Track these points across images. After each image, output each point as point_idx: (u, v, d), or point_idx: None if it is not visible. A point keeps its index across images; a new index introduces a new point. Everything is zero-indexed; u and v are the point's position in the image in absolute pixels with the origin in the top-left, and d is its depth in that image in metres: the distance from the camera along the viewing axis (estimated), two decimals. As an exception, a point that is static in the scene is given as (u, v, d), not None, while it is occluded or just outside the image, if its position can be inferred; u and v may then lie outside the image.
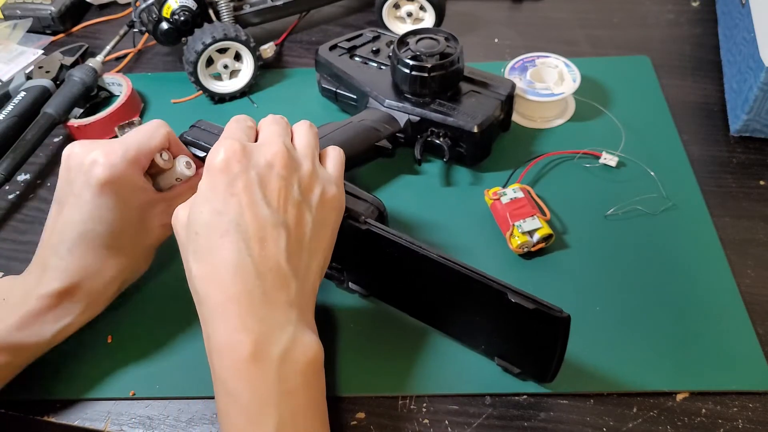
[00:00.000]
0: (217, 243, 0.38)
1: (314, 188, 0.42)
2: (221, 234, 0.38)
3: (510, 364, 0.45)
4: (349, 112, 0.64)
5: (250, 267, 0.38)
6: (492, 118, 0.57)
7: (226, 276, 0.38)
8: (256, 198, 0.39)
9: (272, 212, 0.39)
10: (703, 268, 0.51)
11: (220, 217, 0.38)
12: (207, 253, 0.39)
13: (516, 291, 0.40)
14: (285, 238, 0.39)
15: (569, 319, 0.39)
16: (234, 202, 0.38)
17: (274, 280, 0.38)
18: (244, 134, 0.43)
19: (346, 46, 0.65)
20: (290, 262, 0.39)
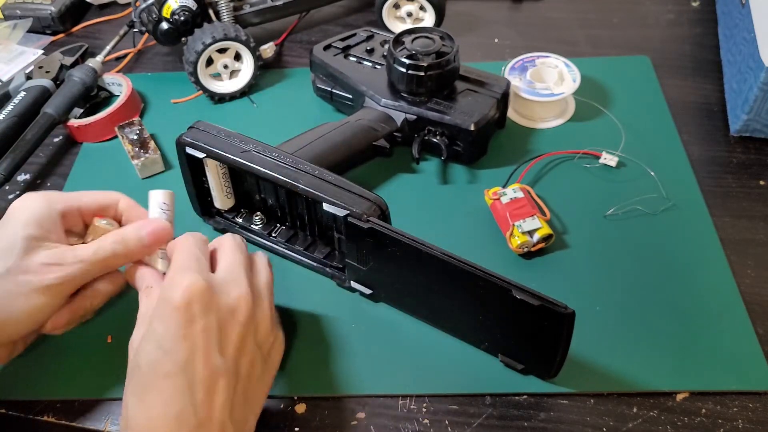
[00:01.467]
0: (156, 384, 0.36)
1: (270, 336, 0.41)
2: (162, 376, 0.35)
3: (514, 361, 0.45)
4: (345, 112, 0.64)
5: (191, 417, 0.35)
6: (488, 116, 0.57)
7: (164, 423, 0.35)
8: (211, 344, 0.36)
9: (225, 361, 0.37)
10: (703, 268, 0.51)
11: (165, 357, 0.36)
12: (145, 391, 0.36)
13: (521, 287, 0.40)
14: (233, 390, 0.37)
15: (574, 314, 0.39)
16: (186, 346, 0.36)
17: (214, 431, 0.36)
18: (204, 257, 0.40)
19: (341, 46, 0.65)
20: (233, 416, 0.37)
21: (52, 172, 0.64)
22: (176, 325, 0.36)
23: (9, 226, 0.42)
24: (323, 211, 0.46)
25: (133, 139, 0.63)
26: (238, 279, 0.40)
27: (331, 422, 0.44)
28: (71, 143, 0.66)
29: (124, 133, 0.63)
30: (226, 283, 0.39)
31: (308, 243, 0.53)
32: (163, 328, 0.36)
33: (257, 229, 0.55)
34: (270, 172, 0.48)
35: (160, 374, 0.35)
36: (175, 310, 0.36)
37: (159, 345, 0.36)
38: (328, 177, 0.47)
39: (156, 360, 0.36)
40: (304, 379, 0.46)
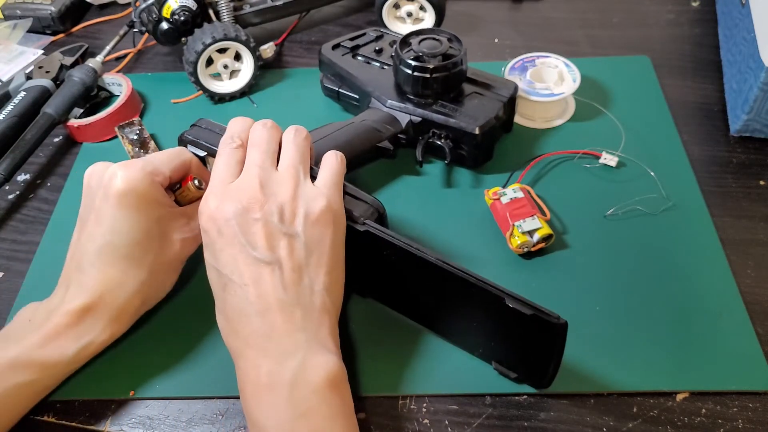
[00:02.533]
0: (223, 297, 0.42)
1: (297, 214, 0.42)
2: (223, 287, 0.42)
3: (507, 369, 0.45)
4: (352, 112, 0.64)
5: (251, 310, 0.40)
6: (494, 120, 0.57)
7: (235, 324, 0.41)
8: (241, 245, 0.41)
9: (260, 253, 0.41)
10: (703, 268, 0.51)
11: (219, 274, 0.42)
12: (221, 305, 0.43)
13: (514, 296, 0.40)
14: (279, 272, 0.41)
15: (566, 325, 0.39)
16: (226, 257, 0.41)
17: (276, 314, 0.40)
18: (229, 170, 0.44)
19: (349, 46, 0.65)
20: (289, 292, 0.41)
21: (52, 172, 0.64)
22: (211, 243, 0.42)
23: (132, 213, 0.44)
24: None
25: (133, 139, 0.63)
26: (248, 180, 0.43)
27: (332, 422, 0.44)
28: (71, 143, 0.66)
29: (124, 133, 0.63)
30: (238, 188, 0.43)
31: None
32: (207, 251, 0.43)
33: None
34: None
35: (222, 287, 0.42)
36: (206, 231, 0.42)
37: (212, 266, 0.42)
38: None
39: (214, 278, 0.43)
40: (304, 379, 0.46)
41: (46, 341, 0.43)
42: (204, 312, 0.51)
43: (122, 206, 0.43)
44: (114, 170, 0.44)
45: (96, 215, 0.44)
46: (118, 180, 0.43)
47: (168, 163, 0.47)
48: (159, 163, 0.46)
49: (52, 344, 0.43)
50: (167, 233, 0.46)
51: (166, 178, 0.46)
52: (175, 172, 0.47)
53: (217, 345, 0.48)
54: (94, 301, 0.44)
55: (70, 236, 0.47)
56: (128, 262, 0.45)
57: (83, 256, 0.44)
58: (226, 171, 0.44)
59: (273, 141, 0.46)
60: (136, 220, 0.44)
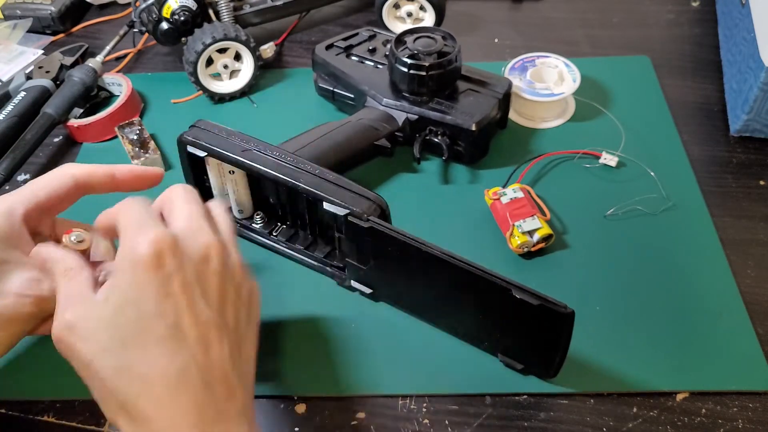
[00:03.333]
0: (150, 353, 0.33)
1: (245, 282, 0.39)
2: (156, 341, 0.33)
3: (513, 360, 0.45)
4: (347, 112, 0.64)
5: (196, 377, 0.33)
6: (490, 116, 0.57)
7: (168, 391, 0.33)
8: (195, 298, 0.34)
9: (213, 313, 0.35)
10: (703, 268, 0.51)
11: (152, 322, 0.33)
12: (138, 364, 0.33)
13: (521, 287, 0.40)
14: (227, 340, 0.35)
15: (573, 314, 0.39)
16: (170, 304, 0.33)
17: (223, 390, 0.34)
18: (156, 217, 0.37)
19: (343, 45, 0.65)
20: (234, 367, 0.35)
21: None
22: (153, 285, 0.33)
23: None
24: (324, 210, 0.46)
25: (133, 139, 0.63)
26: (201, 227, 0.37)
27: (331, 422, 0.44)
28: (71, 143, 0.66)
29: (124, 133, 0.63)
30: (191, 232, 0.36)
31: (309, 242, 0.53)
32: (139, 293, 0.33)
33: (258, 228, 0.55)
34: (271, 171, 0.48)
35: (152, 341, 0.33)
36: (148, 269, 0.33)
37: (140, 311, 0.33)
38: (328, 176, 0.47)
39: (143, 328, 0.33)
40: (304, 379, 0.46)
41: None
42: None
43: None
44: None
45: None
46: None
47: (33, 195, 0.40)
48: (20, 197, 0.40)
49: None
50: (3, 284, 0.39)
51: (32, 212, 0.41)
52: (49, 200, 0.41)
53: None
54: None
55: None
56: None
57: None
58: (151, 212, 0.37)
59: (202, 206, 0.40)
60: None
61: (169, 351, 0.33)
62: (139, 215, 0.36)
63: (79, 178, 0.42)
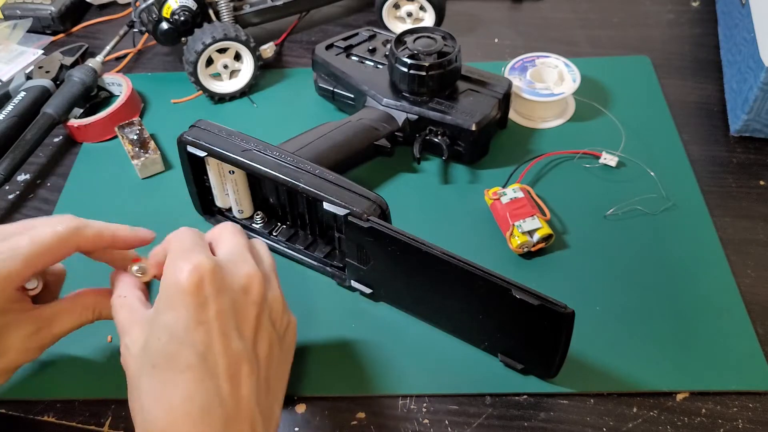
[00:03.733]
0: (176, 379, 0.33)
1: (283, 316, 0.39)
2: (184, 368, 0.33)
3: (513, 361, 0.45)
4: (347, 112, 0.64)
5: (218, 411, 0.32)
6: (489, 116, 0.57)
7: (188, 421, 0.32)
8: (228, 328, 0.34)
9: (244, 345, 0.34)
10: (703, 268, 0.51)
11: (182, 348, 0.33)
12: (165, 389, 0.33)
13: (520, 287, 0.40)
14: (255, 375, 0.35)
15: (573, 314, 0.39)
16: (201, 332, 0.33)
17: (244, 426, 0.33)
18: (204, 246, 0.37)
19: (343, 45, 0.65)
20: (259, 405, 0.35)
21: (52, 172, 0.64)
22: (188, 311, 0.33)
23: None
24: (324, 210, 0.46)
25: (133, 139, 0.63)
26: (244, 258, 0.37)
27: (331, 422, 0.44)
28: (71, 143, 0.66)
29: (124, 133, 0.63)
30: (233, 263, 0.37)
31: (309, 242, 0.53)
32: (174, 317, 0.33)
33: (258, 228, 0.55)
34: (271, 171, 0.48)
35: (179, 368, 0.33)
36: (185, 294, 0.33)
37: (172, 336, 0.33)
38: (328, 176, 0.47)
39: (172, 353, 0.33)
40: (303, 379, 0.46)
41: None
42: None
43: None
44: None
45: None
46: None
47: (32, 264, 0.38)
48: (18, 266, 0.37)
49: None
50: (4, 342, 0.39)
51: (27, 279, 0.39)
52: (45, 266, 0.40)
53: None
54: None
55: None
56: None
57: None
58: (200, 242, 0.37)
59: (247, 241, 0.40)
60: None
61: (195, 380, 0.33)
62: (187, 242, 0.36)
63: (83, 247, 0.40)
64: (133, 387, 0.35)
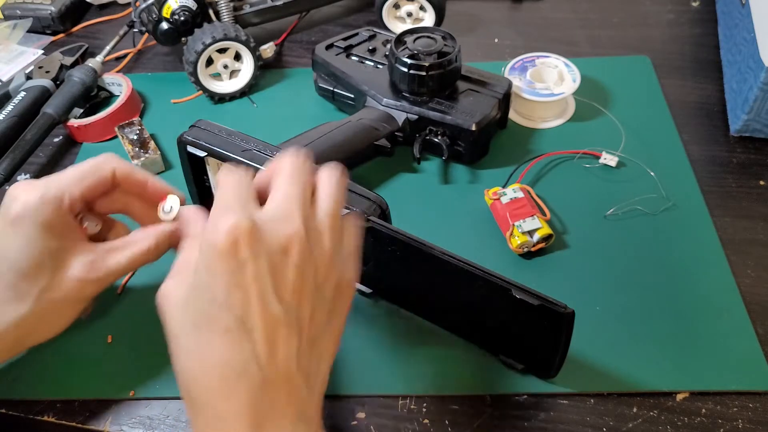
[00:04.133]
0: (215, 341, 0.33)
1: (331, 276, 0.36)
2: (222, 331, 0.32)
3: (514, 360, 0.45)
4: (347, 112, 0.64)
5: (256, 375, 0.32)
6: (490, 116, 0.57)
7: (226, 383, 0.32)
8: (266, 291, 0.33)
9: (285, 309, 0.33)
10: (703, 268, 0.51)
11: (221, 312, 0.32)
12: (204, 351, 0.33)
13: (520, 287, 0.40)
14: (297, 339, 0.34)
15: (573, 314, 0.39)
16: (240, 295, 0.32)
17: (282, 389, 0.33)
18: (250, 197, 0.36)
19: (343, 45, 0.65)
20: (300, 368, 0.34)
21: (52, 172, 0.63)
22: (225, 274, 0.32)
23: (23, 240, 0.40)
24: (323, 210, 0.46)
25: (133, 139, 0.63)
26: (289, 215, 0.35)
27: (331, 422, 0.44)
28: (71, 143, 0.66)
29: (124, 133, 0.63)
30: (276, 220, 0.34)
31: (308, 243, 0.53)
32: (212, 279, 0.33)
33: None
34: (270, 171, 0.48)
35: (219, 330, 0.33)
36: (221, 256, 0.32)
37: (212, 299, 0.33)
38: (328, 177, 0.47)
39: (211, 315, 0.33)
40: (304, 379, 0.46)
41: None
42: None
43: (14, 233, 0.40)
44: (16, 193, 0.40)
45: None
46: (16, 204, 0.40)
47: (79, 183, 0.41)
48: (66, 184, 0.41)
49: None
50: (61, 269, 0.41)
51: (77, 201, 0.41)
52: (88, 192, 0.42)
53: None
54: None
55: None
56: (9, 293, 0.40)
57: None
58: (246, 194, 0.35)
59: (311, 176, 0.38)
60: (26, 249, 0.40)
61: (233, 343, 0.32)
62: (230, 194, 0.35)
63: (118, 174, 0.43)
64: (173, 342, 0.35)
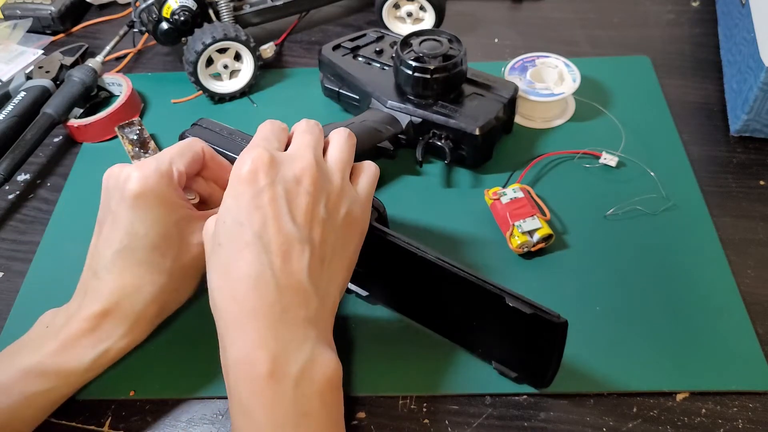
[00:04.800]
0: (237, 255, 0.37)
1: (340, 207, 0.41)
2: (243, 246, 0.37)
3: (507, 369, 0.45)
4: (352, 112, 0.64)
5: (271, 281, 0.37)
6: (494, 120, 0.57)
7: (245, 289, 0.37)
8: (281, 212, 0.38)
9: (297, 228, 0.38)
10: (703, 268, 0.51)
11: (242, 229, 0.38)
12: (227, 264, 0.38)
13: (514, 295, 0.40)
14: (308, 254, 0.38)
15: (566, 324, 0.39)
16: (258, 215, 0.38)
17: (295, 296, 0.38)
18: (275, 139, 0.42)
19: (350, 46, 0.65)
20: (311, 280, 0.38)
21: (52, 172, 0.64)
22: (246, 197, 0.38)
23: (149, 215, 0.42)
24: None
25: (133, 139, 0.63)
26: (303, 153, 0.41)
27: (332, 422, 0.44)
28: (71, 143, 0.66)
29: (124, 133, 0.63)
30: (291, 157, 0.40)
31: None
32: (236, 202, 0.38)
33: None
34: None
35: (240, 245, 0.37)
36: (243, 182, 0.38)
37: (235, 219, 0.38)
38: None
39: (234, 233, 0.38)
40: (304, 379, 0.46)
41: (63, 348, 0.42)
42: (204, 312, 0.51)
43: (138, 209, 0.42)
44: (129, 171, 0.43)
45: (112, 219, 0.43)
46: (133, 181, 0.42)
47: (181, 158, 0.45)
48: (173, 160, 0.44)
49: (69, 351, 0.42)
50: (185, 237, 0.44)
51: (182, 175, 0.45)
52: (189, 167, 0.45)
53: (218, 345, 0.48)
54: (111, 307, 0.43)
55: (70, 236, 0.47)
56: (145, 268, 0.43)
57: (100, 262, 0.43)
58: (272, 136, 0.42)
59: (322, 135, 0.45)
60: (152, 223, 0.43)
61: (252, 255, 0.37)
62: (259, 137, 0.42)
63: (206, 154, 0.47)
64: (207, 265, 0.40)
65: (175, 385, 0.47)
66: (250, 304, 0.37)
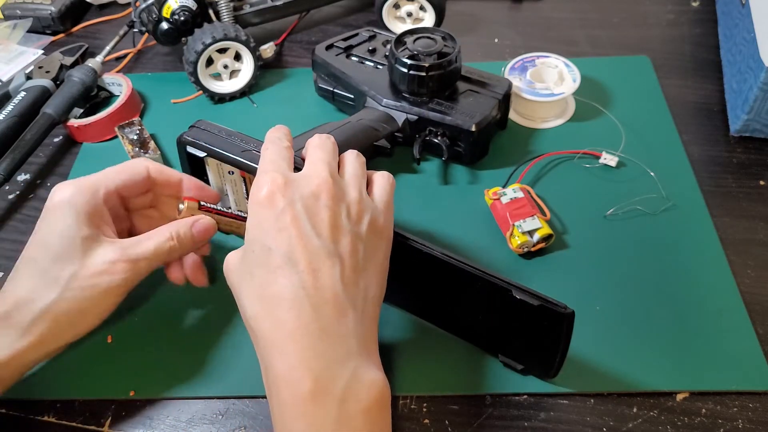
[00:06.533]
0: (269, 279, 0.38)
1: (363, 217, 0.41)
2: (273, 269, 0.38)
3: (513, 361, 0.45)
4: (347, 112, 0.64)
5: (305, 301, 0.37)
6: (489, 117, 0.57)
7: (281, 312, 0.37)
8: (305, 230, 0.38)
9: (323, 242, 0.38)
10: (703, 268, 0.51)
11: (270, 253, 0.38)
12: (261, 291, 0.38)
13: (520, 287, 0.40)
14: (339, 267, 0.38)
15: (573, 314, 0.39)
16: (283, 237, 0.38)
17: (332, 311, 0.37)
18: (282, 159, 0.42)
19: (343, 46, 0.65)
20: (347, 292, 0.38)
21: (52, 172, 0.64)
22: (269, 221, 0.38)
23: (58, 226, 0.43)
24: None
25: (133, 139, 0.63)
26: (317, 170, 0.41)
27: (331, 422, 0.44)
28: (71, 143, 0.66)
29: (124, 133, 0.63)
30: (306, 176, 0.41)
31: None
32: (260, 229, 0.39)
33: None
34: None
35: (270, 269, 0.38)
36: (263, 206, 0.39)
37: (262, 245, 0.38)
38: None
39: (263, 258, 0.38)
40: (304, 379, 0.46)
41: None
42: (205, 312, 0.51)
43: (50, 217, 0.43)
44: (56, 187, 0.44)
45: (34, 229, 0.44)
46: (54, 193, 0.44)
47: (117, 175, 0.46)
48: (101, 178, 0.45)
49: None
50: (89, 254, 0.43)
51: (111, 194, 0.45)
52: (124, 185, 0.46)
53: (218, 345, 0.48)
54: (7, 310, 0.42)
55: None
56: (40, 279, 0.42)
57: (15, 267, 0.44)
58: (278, 157, 0.42)
59: (336, 149, 0.44)
60: (59, 234, 0.42)
61: (283, 277, 0.37)
62: (267, 159, 0.42)
63: (152, 171, 0.48)
64: (239, 298, 0.40)
65: (175, 385, 0.47)
66: (288, 326, 0.36)
